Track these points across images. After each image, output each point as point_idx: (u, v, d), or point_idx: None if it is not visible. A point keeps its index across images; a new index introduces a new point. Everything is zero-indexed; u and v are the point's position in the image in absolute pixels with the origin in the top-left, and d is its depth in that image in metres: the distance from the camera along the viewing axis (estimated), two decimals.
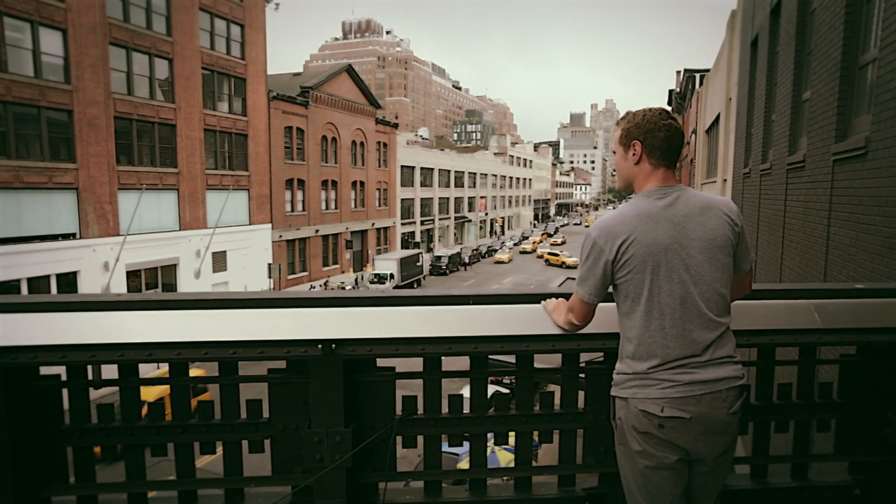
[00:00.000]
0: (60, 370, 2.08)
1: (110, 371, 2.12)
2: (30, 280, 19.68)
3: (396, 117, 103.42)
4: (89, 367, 2.11)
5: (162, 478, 2.24)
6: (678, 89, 39.15)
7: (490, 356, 2.20)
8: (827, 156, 5.34)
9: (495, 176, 75.38)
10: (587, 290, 1.81)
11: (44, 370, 2.06)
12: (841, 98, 5.10)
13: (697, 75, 29.69)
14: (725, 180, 14.97)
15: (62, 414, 2.11)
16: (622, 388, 1.82)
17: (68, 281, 20.98)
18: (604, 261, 1.76)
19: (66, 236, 21.08)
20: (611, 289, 1.85)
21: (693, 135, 28.56)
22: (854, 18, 4.93)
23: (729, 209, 1.80)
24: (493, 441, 2.39)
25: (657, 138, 1.77)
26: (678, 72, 41.17)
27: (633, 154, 1.82)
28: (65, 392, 2.11)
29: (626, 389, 1.80)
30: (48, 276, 20.29)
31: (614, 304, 2.11)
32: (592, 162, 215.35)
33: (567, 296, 2.05)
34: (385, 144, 45.24)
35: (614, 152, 1.93)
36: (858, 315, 2.25)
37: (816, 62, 5.93)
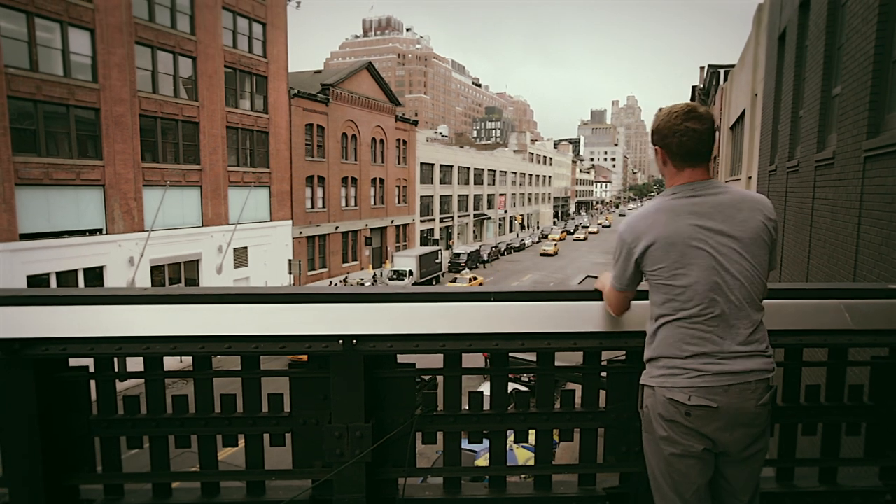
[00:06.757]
0: (88, 362, 2.13)
1: (135, 364, 2.16)
2: (58, 274, 20.18)
3: (416, 114, 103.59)
4: (115, 360, 2.15)
5: (185, 469, 2.28)
6: (702, 85, 38.48)
7: (510, 354, 2.19)
8: (858, 152, 5.20)
9: (515, 173, 75.00)
10: (616, 279, 1.94)
11: (72, 362, 2.11)
12: (873, 93, 4.95)
13: (722, 71, 29.17)
14: (750, 178, 14.68)
15: (90, 405, 2.15)
16: (650, 378, 1.84)
17: (95, 275, 21.46)
18: (629, 254, 1.83)
19: (92, 232, 21.57)
20: (645, 285, 1.91)
21: (717, 131, 28.06)
22: (888, 10, 4.78)
23: (763, 205, 1.82)
24: (511, 438, 2.38)
25: (672, 144, 1.81)
26: (702, 67, 40.46)
27: (659, 157, 1.91)
28: (92, 384, 2.15)
29: (654, 378, 1.82)
30: (76, 271, 20.78)
31: (638, 302, 2.08)
32: (613, 159, 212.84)
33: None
34: (405, 142, 45.31)
35: None
36: (892, 316, 2.18)
37: (847, 56, 5.77)
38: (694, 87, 41.81)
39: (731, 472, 1.81)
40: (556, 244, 57.34)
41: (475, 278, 39.95)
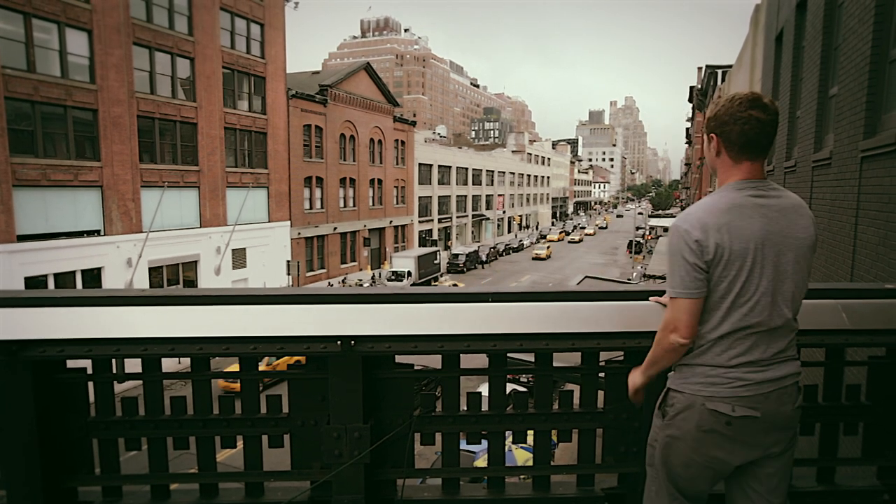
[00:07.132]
0: (86, 364, 2.13)
1: (133, 366, 2.15)
2: (56, 275, 20.14)
3: (414, 115, 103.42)
4: (114, 361, 2.15)
5: (184, 470, 2.28)
6: (699, 86, 38.55)
7: (509, 354, 2.19)
8: (855, 153, 5.21)
9: (513, 174, 75.04)
10: (682, 284, 1.67)
11: (70, 363, 2.11)
12: (870, 93, 4.97)
13: (720, 71, 29.25)
14: None
15: (88, 406, 2.15)
16: (684, 383, 1.74)
17: (93, 276, 21.42)
18: (700, 252, 1.63)
19: (90, 233, 21.53)
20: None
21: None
22: (885, 11, 4.79)
23: (810, 212, 1.77)
24: (510, 439, 2.38)
25: (732, 132, 1.68)
26: (699, 68, 40.56)
27: (713, 146, 1.76)
28: (90, 386, 2.15)
29: (689, 385, 1.73)
30: (74, 272, 20.75)
31: (635, 303, 2.07)
32: (611, 160, 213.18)
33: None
34: (403, 142, 45.31)
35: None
36: (889, 316, 2.19)
37: (844, 57, 5.79)
38: (692, 88, 41.85)
39: (763, 471, 1.76)
40: (549, 247, 56.74)
41: (455, 285, 37.90)
